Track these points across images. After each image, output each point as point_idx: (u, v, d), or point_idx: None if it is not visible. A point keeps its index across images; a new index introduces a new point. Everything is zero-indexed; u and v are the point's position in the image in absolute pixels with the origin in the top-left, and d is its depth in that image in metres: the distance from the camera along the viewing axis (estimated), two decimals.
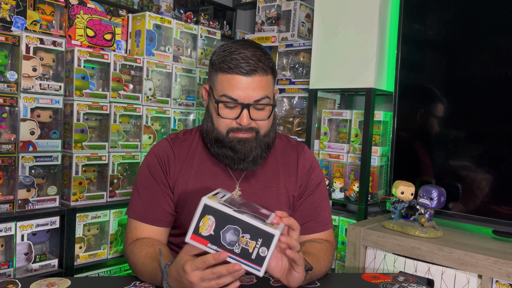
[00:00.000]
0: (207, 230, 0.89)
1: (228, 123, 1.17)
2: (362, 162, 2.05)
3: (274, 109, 1.21)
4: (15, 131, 1.69)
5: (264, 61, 1.15)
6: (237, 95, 1.13)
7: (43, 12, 1.86)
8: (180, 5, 2.87)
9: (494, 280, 1.40)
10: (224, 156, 1.20)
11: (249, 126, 1.16)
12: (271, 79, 1.19)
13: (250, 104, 1.14)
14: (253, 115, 1.16)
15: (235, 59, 1.13)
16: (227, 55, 1.15)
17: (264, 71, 1.15)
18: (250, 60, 1.13)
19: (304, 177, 1.31)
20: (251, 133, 1.18)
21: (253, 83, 1.13)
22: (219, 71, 1.16)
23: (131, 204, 1.26)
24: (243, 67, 1.12)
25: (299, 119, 2.44)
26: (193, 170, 1.25)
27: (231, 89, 1.14)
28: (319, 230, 1.30)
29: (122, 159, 2.05)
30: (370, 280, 1.22)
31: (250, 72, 1.13)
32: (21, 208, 1.72)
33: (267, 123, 1.20)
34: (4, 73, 1.67)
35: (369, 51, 2.01)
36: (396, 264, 1.61)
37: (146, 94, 2.13)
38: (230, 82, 1.14)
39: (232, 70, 1.13)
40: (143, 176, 1.27)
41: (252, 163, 1.19)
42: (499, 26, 1.69)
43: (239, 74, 1.13)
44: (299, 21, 2.45)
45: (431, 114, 1.89)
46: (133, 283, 1.11)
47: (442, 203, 1.64)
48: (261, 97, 1.15)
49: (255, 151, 1.18)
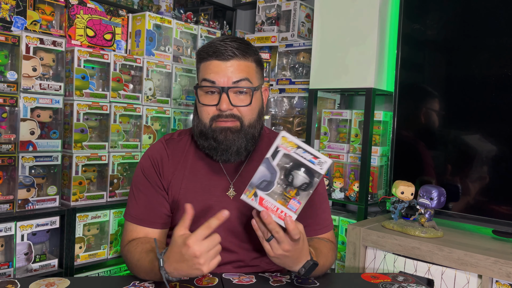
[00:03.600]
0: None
1: (210, 112, 1.16)
2: (362, 162, 2.05)
3: (257, 96, 1.20)
4: (15, 131, 1.69)
5: (243, 49, 1.16)
6: (215, 78, 1.14)
7: (43, 12, 1.86)
8: (180, 5, 2.87)
9: (494, 280, 1.40)
10: (208, 148, 1.19)
11: (230, 112, 1.15)
12: (253, 67, 1.19)
13: (229, 87, 1.13)
14: (233, 101, 1.14)
15: (213, 47, 1.15)
16: (208, 46, 1.18)
17: (243, 56, 1.15)
18: (229, 46, 1.14)
19: None
20: (234, 122, 1.16)
21: (231, 67, 1.14)
22: (201, 62, 1.18)
23: (127, 207, 1.27)
24: (222, 52, 1.14)
25: (299, 119, 2.44)
26: (187, 171, 1.25)
27: (209, 73, 1.15)
28: (320, 232, 1.30)
29: (122, 159, 2.05)
30: (369, 280, 1.22)
31: (228, 57, 1.14)
32: (21, 208, 1.72)
33: (249, 110, 1.17)
34: (4, 73, 1.67)
35: (369, 51, 2.01)
36: (396, 264, 1.61)
37: (146, 94, 2.13)
38: (209, 67, 1.15)
39: (210, 56, 1.15)
40: (138, 179, 1.27)
41: (235, 154, 1.18)
42: (499, 26, 1.69)
43: (217, 59, 1.14)
44: (299, 21, 2.45)
45: (431, 114, 1.89)
46: (132, 283, 1.11)
47: (442, 203, 1.64)
48: (240, 79, 1.14)
49: (238, 142, 1.16)
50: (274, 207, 0.96)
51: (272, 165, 0.95)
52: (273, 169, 0.95)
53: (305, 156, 0.95)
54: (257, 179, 0.96)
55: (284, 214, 0.96)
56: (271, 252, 1.00)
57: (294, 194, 0.95)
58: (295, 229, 0.96)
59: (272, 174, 0.95)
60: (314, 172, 0.95)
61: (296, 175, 0.95)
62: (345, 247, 1.97)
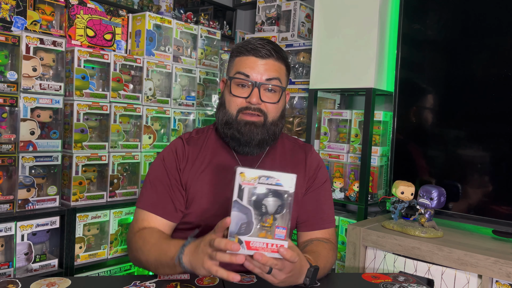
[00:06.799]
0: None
1: (239, 103, 1.22)
2: (362, 162, 2.05)
3: (284, 97, 1.27)
4: (15, 131, 1.69)
5: (279, 51, 1.24)
6: (250, 72, 1.20)
7: (43, 12, 1.86)
8: (180, 5, 2.87)
9: (494, 280, 1.40)
10: (231, 138, 1.24)
11: (258, 107, 1.21)
12: (284, 70, 1.26)
13: (261, 83, 1.20)
14: (263, 96, 1.21)
15: (252, 44, 1.22)
16: (246, 43, 1.24)
17: (278, 57, 1.23)
18: (266, 45, 1.22)
19: (312, 174, 1.35)
20: (259, 117, 1.22)
21: (267, 65, 1.21)
22: (236, 56, 1.25)
23: (141, 196, 1.28)
24: (259, 50, 1.21)
25: (299, 119, 2.44)
26: (204, 167, 1.28)
27: (245, 67, 1.21)
28: (323, 227, 1.32)
29: (122, 159, 2.05)
30: (370, 280, 1.22)
31: (265, 56, 1.21)
32: (21, 208, 1.72)
33: (276, 108, 1.24)
34: (4, 73, 1.67)
35: (369, 51, 2.01)
36: (396, 264, 1.61)
37: (146, 94, 2.13)
38: (245, 62, 1.22)
39: (248, 52, 1.22)
40: (158, 171, 1.29)
41: (257, 147, 1.24)
42: (499, 26, 1.69)
43: (254, 56, 1.21)
44: (299, 21, 2.45)
45: (431, 114, 1.89)
46: (133, 283, 1.11)
47: (442, 203, 1.64)
48: (273, 77, 1.21)
49: (260, 136, 1.22)
50: (263, 244, 0.92)
51: (243, 205, 0.92)
52: (245, 209, 0.92)
53: (269, 182, 0.92)
54: (235, 226, 0.92)
55: (276, 246, 0.92)
56: (274, 281, 0.99)
57: (272, 220, 0.93)
58: (292, 255, 0.95)
59: (247, 214, 0.91)
60: (284, 193, 0.93)
61: (268, 203, 0.92)
62: (345, 247, 1.97)
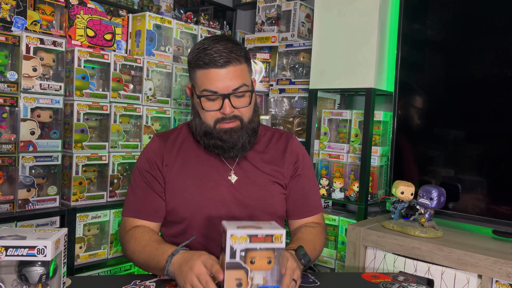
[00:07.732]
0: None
1: (214, 115, 1.24)
2: (362, 162, 2.05)
3: (253, 95, 1.28)
4: (15, 131, 1.69)
5: (236, 52, 1.21)
6: (216, 87, 1.20)
7: (43, 12, 1.86)
8: (180, 5, 2.87)
9: (494, 280, 1.40)
10: (214, 147, 1.26)
11: (233, 114, 1.23)
12: (246, 67, 1.26)
13: (229, 94, 1.21)
14: (234, 104, 1.22)
15: (209, 54, 1.19)
16: (201, 51, 1.21)
17: (238, 61, 1.21)
18: (223, 52, 1.19)
19: (294, 160, 1.37)
20: (236, 122, 1.24)
21: (229, 74, 1.20)
22: (196, 68, 1.23)
23: (125, 204, 1.33)
24: (217, 60, 1.19)
25: (299, 119, 2.44)
26: (184, 159, 1.31)
27: (209, 83, 1.20)
28: (310, 214, 1.37)
29: (122, 159, 2.05)
30: (370, 280, 1.22)
31: (225, 64, 1.19)
32: (21, 208, 1.72)
33: (249, 109, 1.26)
34: (4, 73, 1.67)
35: (369, 51, 2.01)
36: (396, 264, 1.61)
37: (146, 94, 2.13)
38: (208, 77, 1.20)
39: (207, 65, 1.20)
40: (135, 175, 1.33)
41: (241, 149, 1.26)
42: (499, 26, 1.69)
43: (214, 68, 1.19)
44: (299, 21, 2.45)
45: (431, 114, 1.89)
46: (133, 282, 1.11)
47: (442, 203, 1.64)
48: (239, 85, 1.21)
49: (242, 139, 1.25)
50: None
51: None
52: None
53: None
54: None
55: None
56: None
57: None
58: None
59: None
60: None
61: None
62: (345, 247, 1.97)
